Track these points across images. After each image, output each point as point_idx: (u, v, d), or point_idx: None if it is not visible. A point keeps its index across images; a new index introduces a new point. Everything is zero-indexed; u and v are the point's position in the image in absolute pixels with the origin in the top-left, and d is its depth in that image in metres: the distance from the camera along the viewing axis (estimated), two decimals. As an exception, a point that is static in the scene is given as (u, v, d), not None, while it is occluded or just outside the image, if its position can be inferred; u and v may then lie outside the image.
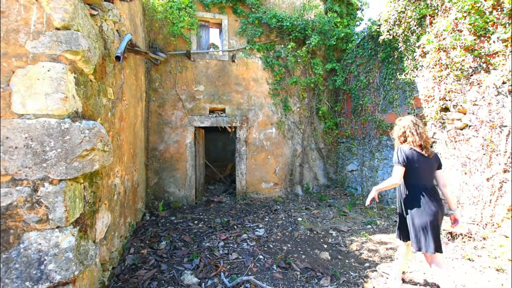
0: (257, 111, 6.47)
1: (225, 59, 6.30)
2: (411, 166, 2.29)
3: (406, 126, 2.42)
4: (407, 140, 2.38)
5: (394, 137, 2.56)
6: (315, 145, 6.84)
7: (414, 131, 2.36)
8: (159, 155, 5.94)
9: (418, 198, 2.27)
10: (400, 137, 2.45)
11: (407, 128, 2.40)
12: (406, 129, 2.41)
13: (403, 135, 2.43)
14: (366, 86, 5.87)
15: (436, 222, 2.23)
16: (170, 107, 6.01)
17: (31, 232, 1.57)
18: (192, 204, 5.97)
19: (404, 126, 2.43)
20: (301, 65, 6.64)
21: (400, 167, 2.28)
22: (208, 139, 12.05)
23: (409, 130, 2.39)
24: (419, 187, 2.31)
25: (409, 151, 2.31)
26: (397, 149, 2.37)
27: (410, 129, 2.38)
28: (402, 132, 2.43)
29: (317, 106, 6.74)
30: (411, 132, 2.36)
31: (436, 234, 2.23)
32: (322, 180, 6.94)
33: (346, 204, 5.49)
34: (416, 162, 2.29)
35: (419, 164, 2.30)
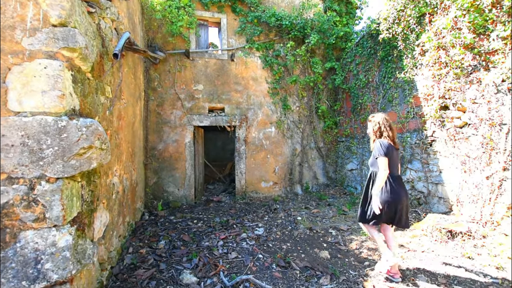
0: (257, 110, 6.45)
1: (224, 58, 6.28)
2: (390, 157, 2.52)
3: (380, 122, 2.65)
4: (383, 135, 2.62)
5: (369, 132, 2.77)
6: (314, 144, 6.83)
7: (388, 126, 2.64)
8: (158, 154, 5.92)
9: (392, 185, 2.54)
10: (376, 132, 2.67)
11: (382, 124, 2.64)
12: (381, 125, 2.64)
13: (379, 130, 2.65)
14: (366, 85, 5.86)
15: (406, 203, 2.59)
16: (169, 106, 5.99)
17: (27, 231, 1.55)
18: (191, 204, 5.95)
19: (379, 122, 2.66)
20: (300, 64, 6.62)
21: (385, 158, 2.48)
22: (208, 139, 12.03)
23: (383, 125, 2.63)
24: (393, 176, 2.58)
25: (387, 144, 2.55)
26: (379, 143, 2.56)
27: (385, 125, 2.64)
28: (378, 128, 2.65)
29: (316, 105, 6.73)
30: (386, 128, 2.62)
31: (402, 211, 2.58)
32: (321, 179, 6.93)
33: (346, 203, 5.48)
34: (391, 154, 2.55)
35: (393, 156, 2.57)
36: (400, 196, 2.53)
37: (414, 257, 3.15)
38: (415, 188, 4.77)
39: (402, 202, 2.54)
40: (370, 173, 2.76)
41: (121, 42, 2.70)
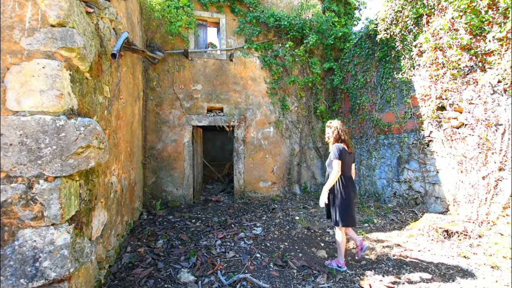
0: (255, 110, 6.47)
1: (223, 58, 6.30)
2: (343, 160, 2.83)
3: (338, 127, 2.93)
4: (340, 139, 2.90)
5: (328, 136, 3.02)
6: (313, 144, 6.86)
7: (344, 132, 2.94)
8: (156, 154, 5.93)
9: (346, 185, 2.86)
10: (336, 137, 2.93)
11: (339, 129, 2.93)
12: (339, 130, 2.92)
13: (338, 135, 2.92)
14: (364, 85, 5.89)
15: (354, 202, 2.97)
16: (168, 106, 6.00)
17: (26, 229, 1.56)
18: (190, 203, 5.97)
19: (337, 127, 2.94)
20: (299, 64, 6.65)
21: (340, 161, 2.79)
22: (206, 138, 12.02)
23: (341, 131, 2.92)
24: (346, 176, 2.90)
25: (343, 148, 2.84)
26: (336, 147, 2.84)
27: (342, 130, 2.93)
28: (337, 133, 2.92)
29: (314, 105, 6.75)
30: (342, 133, 2.92)
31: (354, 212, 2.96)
32: (320, 179, 6.95)
33: (344, 203, 5.50)
34: (345, 157, 2.85)
35: (346, 159, 2.87)
36: (353, 196, 2.92)
37: (410, 256, 3.17)
38: (412, 188, 4.80)
39: (352, 200, 2.91)
40: (327, 174, 3.05)
41: (119, 42, 2.71)
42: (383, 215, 4.64)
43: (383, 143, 5.40)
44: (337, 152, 2.79)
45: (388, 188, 5.28)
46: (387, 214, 4.62)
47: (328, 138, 3.03)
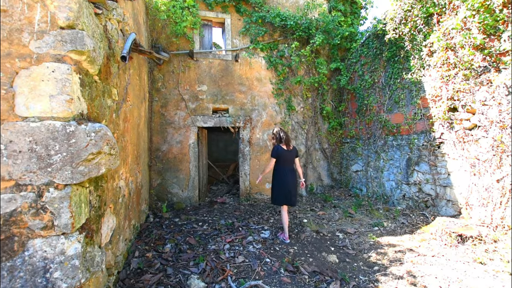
0: (261, 111, 6.41)
1: (228, 59, 6.24)
2: (281, 156, 3.81)
3: (277, 132, 3.91)
4: (280, 141, 3.83)
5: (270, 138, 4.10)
6: (319, 145, 6.78)
7: (283, 135, 3.87)
8: (162, 155, 5.89)
9: (283, 175, 3.81)
10: (274, 139, 3.93)
11: (278, 134, 3.88)
12: (278, 134, 3.88)
13: (277, 138, 3.88)
14: (371, 86, 5.80)
15: (292, 188, 3.81)
16: (173, 107, 5.96)
17: (36, 239, 1.51)
18: (195, 205, 5.92)
19: (276, 132, 3.92)
20: (304, 64, 6.57)
21: (274, 159, 3.82)
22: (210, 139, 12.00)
23: (279, 135, 3.87)
24: (285, 168, 3.85)
25: (280, 148, 3.80)
26: (274, 147, 3.84)
27: (280, 134, 3.87)
28: (276, 137, 3.89)
29: (321, 106, 6.68)
30: (281, 137, 3.85)
31: (290, 195, 3.81)
32: (326, 181, 6.87)
33: (351, 205, 5.43)
34: (283, 155, 3.81)
35: (284, 156, 3.82)
36: (288, 182, 3.79)
37: (424, 261, 3.09)
38: (422, 191, 4.71)
39: (289, 186, 3.78)
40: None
41: (128, 43, 2.66)
42: (392, 218, 4.55)
43: (392, 144, 5.31)
44: (273, 152, 3.83)
45: (397, 190, 5.19)
46: (397, 217, 4.54)
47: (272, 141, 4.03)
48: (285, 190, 3.78)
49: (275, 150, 3.79)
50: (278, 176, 3.84)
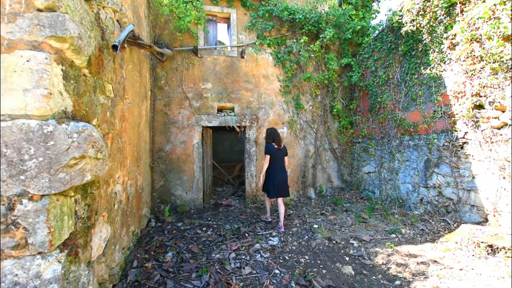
0: (268, 110, 6.13)
1: (234, 55, 5.97)
2: (272, 154, 4.25)
3: (270, 132, 4.33)
4: (271, 141, 4.26)
5: (264, 138, 4.49)
6: (328, 145, 6.47)
7: (276, 135, 4.32)
8: (165, 156, 5.66)
9: (275, 172, 4.24)
10: (267, 138, 4.37)
11: (271, 133, 4.32)
12: (271, 133, 4.31)
13: (270, 137, 4.30)
14: (385, 82, 5.47)
15: (282, 183, 4.28)
16: (177, 106, 5.72)
17: (5, 260, 1.27)
18: (199, 208, 5.68)
19: (270, 132, 4.34)
20: (314, 60, 6.26)
21: (268, 155, 4.22)
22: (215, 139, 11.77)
23: (272, 135, 4.29)
24: (276, 166, 4.28)
25: (272, 147, 4.25)
26: (267, 146, 4.26)
27: (273, 134, 4.30)
28: (269, 135, 4.31)
29: (331, 104, 6.36)
30: (273, 137, 4.28)
31: (281, 189, 4.26)
32: (336, 182, 6.56)
33: (364, 209, 5.11)
34: (274, 153, 4.26)
35: (276, 154, 4.26)
36: (279, 178, 4.24)
37: (452, 276, 2.78)
38: (442, 195, 4.37)
39: (281, 181, 4.25)
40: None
41: (124, 33, 2.41)
42: (410, 224, 4.23)
43: (408, 144, 4.98)
44: (267, 150, 4.25)
45: (413, 194, 4.86)
46: (415, 223, 4.21)
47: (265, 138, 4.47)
48: (278, 184, 4.21)
49: (268, 148, 4.24)
50: (271, 172, 4.27)
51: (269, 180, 4.30)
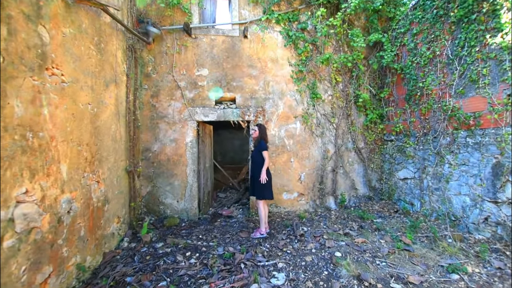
0: (277, 101, 5.02)
1: (235, 35, 4.92)
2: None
3: (262, 129, 4.00)
4: (263, 138, 3.96)
5: (254, 136, 4.05)
6: (352, 144, 5.25)
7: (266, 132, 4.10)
8: (153, 157, 4.72)
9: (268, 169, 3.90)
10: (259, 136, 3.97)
11: (263, 130, 4.00)
12: (265, 131, 4.02)
13: (265, 133, 4.00)
14: (430, 62, 4.18)
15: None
16: (166, 97, 4.76)
17: None
18: (193, 220, 4.69)
19: (264, 129, 4.03)
20: (334, 39, 5.07)
21: (268, 152, 3.94)
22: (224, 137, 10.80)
23: (264, 131, 4.00)
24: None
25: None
26: (263, 142, 3.91)
27: (265, 131, 4.03)
28: (263, 131, 4.00)
29: (355, 93, 5.14)
30: (265, 133, 4.01)
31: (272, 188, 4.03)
32: (362, 190, 5.33)
33: (403, 228, 3.88)
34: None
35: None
36: (271, 177, 3.94)
37: None
38: (523, 214, 3.05)
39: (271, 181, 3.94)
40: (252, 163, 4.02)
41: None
42: (476, 256, 2.96)
43: (465, 142, 3.68)
44: (266, 146, 3.89)
45: (474, 210, 3.56)
46: (484, 255, 2.94)
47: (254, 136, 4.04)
48: (271, 184, 3.91)
49: (265, 144, 3.91)
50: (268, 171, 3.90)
51: (268, 180, 3.87)
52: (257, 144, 3.97)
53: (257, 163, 3.89)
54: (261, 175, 3.74)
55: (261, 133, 3.97)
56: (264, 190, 3.81)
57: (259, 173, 3.80)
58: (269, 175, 3.90)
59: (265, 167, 3.78)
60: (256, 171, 3.87)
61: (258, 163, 3.87)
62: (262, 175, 3.73)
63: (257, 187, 3.83)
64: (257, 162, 3.89)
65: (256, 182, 3.85)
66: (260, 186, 3.79)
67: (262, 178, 3.72)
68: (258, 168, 3.86)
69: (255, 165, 3.92)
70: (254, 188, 3.92)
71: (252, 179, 4.01)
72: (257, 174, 3.83)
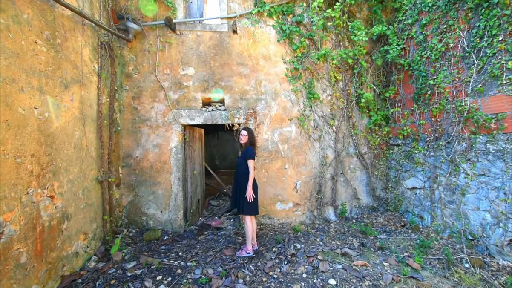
0: (270, 102, 4.57)
1: (224, 30, 4.50)
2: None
3: (251, 134, 3.50)
4: (252, 143, 3.49)
5: (243, 142, 3.47)
6: (354, 149, 4.74)
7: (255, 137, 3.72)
8: (134, 164, 4.35)
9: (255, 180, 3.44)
10: (248, 141, 3.48)
11: (252, 135, 3.51)
12: (252, 136, 3.50)
13: (254, 137, 3.54)
14: (442, 55, 3.65)
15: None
16: (149, 99, 4.38)
17: None
18: (178, 232, 4.29)
19: (250, 133, 3.49)
20: (332, 32, 4.59)
21: (254, 161, 3.36)
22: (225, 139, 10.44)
23: (253, 136, 3.53)
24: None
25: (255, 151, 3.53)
26: (251, 149, 3.39)
27: (254, 136, 3.58)
28: (252, 139, 3.50)
29: (357, 92, 4.63)
30: (254, 138, 3.56)
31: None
32: (365, 200, 4.81)
33: (411, 247, 3.36)
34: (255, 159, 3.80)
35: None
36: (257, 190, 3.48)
37: None
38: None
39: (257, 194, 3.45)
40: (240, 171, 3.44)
41: None
42: (500, 289, 2.44)
43: (485, 149, 3.14)
44: (253, 154, 3.37)
45: (496, 229, 3.01)
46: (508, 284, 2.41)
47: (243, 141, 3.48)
48: (257, 198, 3.46)
49: (253, 151, 3.41)
50: (254, 183, 3.44)
51: (255, 193, 3.40)
52: (244, 151, 3.46)
53: (242, 173, 3.39)
54: (247, 191, 3.27)
55: (250, 138, 3.49)
56: (250, 205, 3.32)
57: (244, 184, 3.33)
58: (255, 187, 3.43)
59: (250, 180, 3.28)
60: (241, 182, 3.39)
61: (243, 173, 3.37)
62: (248, 192, 3.25)
63: (243, 202, 3.35)
64: (242, 172, 3.39)
65: (241, 195, 3.37)
66: (246, 201, 3.31)
67: (248, 195, 3.25)
68: (243, 178, 3.37)
69: (240, 176, 3.43)
70: (238, 202, 3.43)
71: (235, 191, 3.51)
72: (242, 186, 3.36)
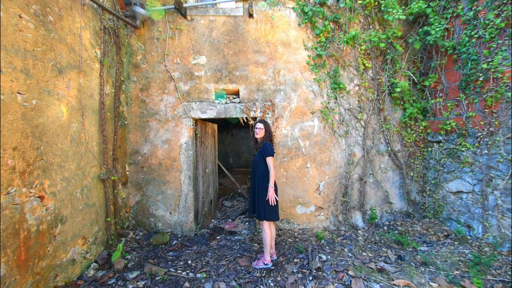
0: (289, 93, 4.10)
1: (238, 14, 4.07)
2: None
3: (269, 127, 3.10)
4: (269, 138, 3.08)
5: (259, 136, 3.04)
6: (386, 147, 4.18)
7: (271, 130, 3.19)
8: (142, 161, 4.03)
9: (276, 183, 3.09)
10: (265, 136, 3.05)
11: (269, 129, 3.11)
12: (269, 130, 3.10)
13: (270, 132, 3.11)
14: (500, 33, 3.04)
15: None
16: (158, 90, 4.04)
17: None
18: (188, 236, 3.93)
19: (267, 126, 3.08)
20: (361, 14, 4.05)
21: (273, 158, 2.92)
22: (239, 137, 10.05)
23: (270, 130, 3.13)
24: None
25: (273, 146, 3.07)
26: (268, 145, 2.95)
27: (271, 130, 3.22)
28: (269, 133, 3.08)
29: (390, 82, 4.06)
30: (271, 133, 3.13)
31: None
32: (398, 204, 4.23)
33: (461, 264, 2.79)
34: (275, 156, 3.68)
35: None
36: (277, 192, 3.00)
37: None
38: None
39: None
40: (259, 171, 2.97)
41: None
42: None
43: (562, 145, 2.52)
44: (272, 150, 2.93)
45: None
46: None
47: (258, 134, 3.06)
48: (278, 202, 2.96)
49: (271, 147, 2.99)
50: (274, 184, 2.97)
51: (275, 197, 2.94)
52: (261, 147, 3.02)
53: (259, 172, 2.96)
54: (268, 193, 2.82)
55: (267, 132, 3.07)
56: (270, 209, 2.87)
57: (263, 185, 2.90)
58: (275, 188, 2.97)
59: (271, 180, 2.84)
60: (259, 182, 2.95)
61: (261, 172, 2.95)
62: (270, 194, 2.81)
63: (261, 205, 2.91)
64: (259, 171, 2.96)
65: (258, 198, 2.94)
66: (264, 204, 2.88)
67: (270, 198, 2.81)
68: (261, 178, 2.94)
69: (257, 175, 2.99)
70: (256, 206, 3.00)
71: (253, 193, 3.06)
72: (260, 188, 2.93)
